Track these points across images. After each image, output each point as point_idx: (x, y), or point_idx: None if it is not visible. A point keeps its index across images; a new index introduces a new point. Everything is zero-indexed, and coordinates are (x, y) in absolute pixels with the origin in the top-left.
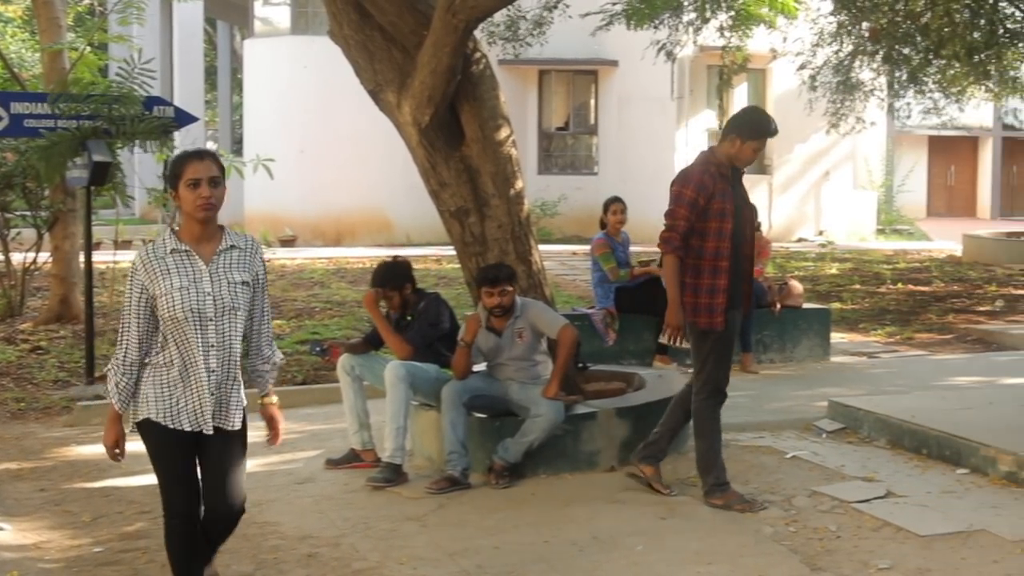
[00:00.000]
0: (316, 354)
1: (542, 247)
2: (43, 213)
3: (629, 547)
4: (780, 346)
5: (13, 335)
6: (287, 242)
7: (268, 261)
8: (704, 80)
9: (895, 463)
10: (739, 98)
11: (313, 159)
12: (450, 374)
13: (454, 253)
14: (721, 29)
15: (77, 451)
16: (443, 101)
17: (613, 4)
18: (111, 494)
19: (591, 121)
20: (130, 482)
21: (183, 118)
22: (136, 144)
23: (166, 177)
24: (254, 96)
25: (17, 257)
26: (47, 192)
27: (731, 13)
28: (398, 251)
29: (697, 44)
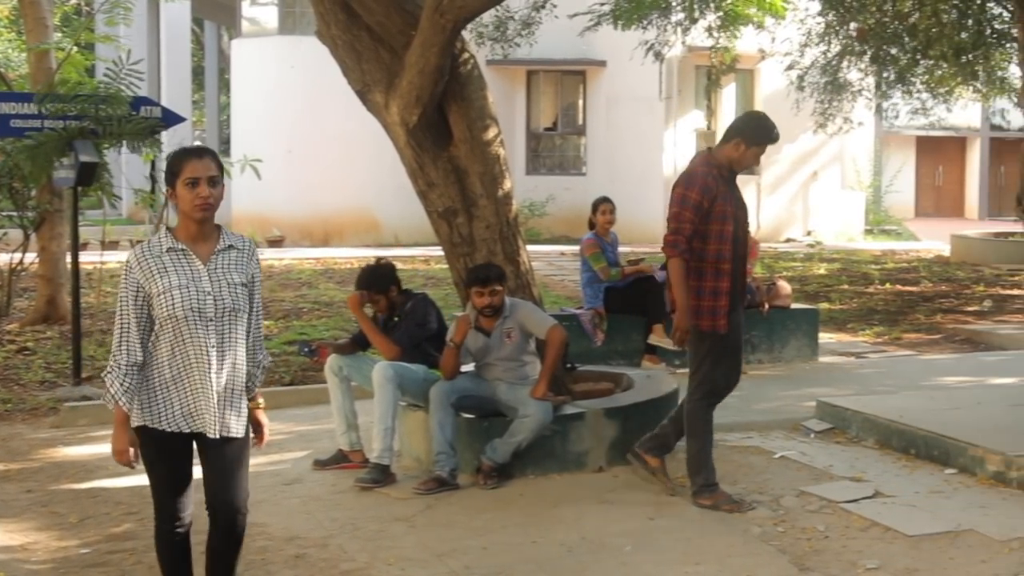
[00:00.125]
0: (304, 355)
1: (530, 247)
2: (30, 213)
3: (617, 547)
4: (768, 346)
5: None
6: (275, 243)
7: None
8: (692, 80)
9: (883, 463)
10: (727, 99)
11: (301, 159)
12: (438, 374)
13: (442, 254)
14: (709, 29)
15: (64, 452)
16: (431, 101)
17: (601, 4)
18: (98, 495)
19: (579, 121)
20: (117, 483)
21: (170, 118)
22: (123, 144)
23: (163, 174)
24: (242, 96)
25: (3, 258)
26: (34, 192)
27: (719, 14)
28: (386, 252)
29: (685, 44)
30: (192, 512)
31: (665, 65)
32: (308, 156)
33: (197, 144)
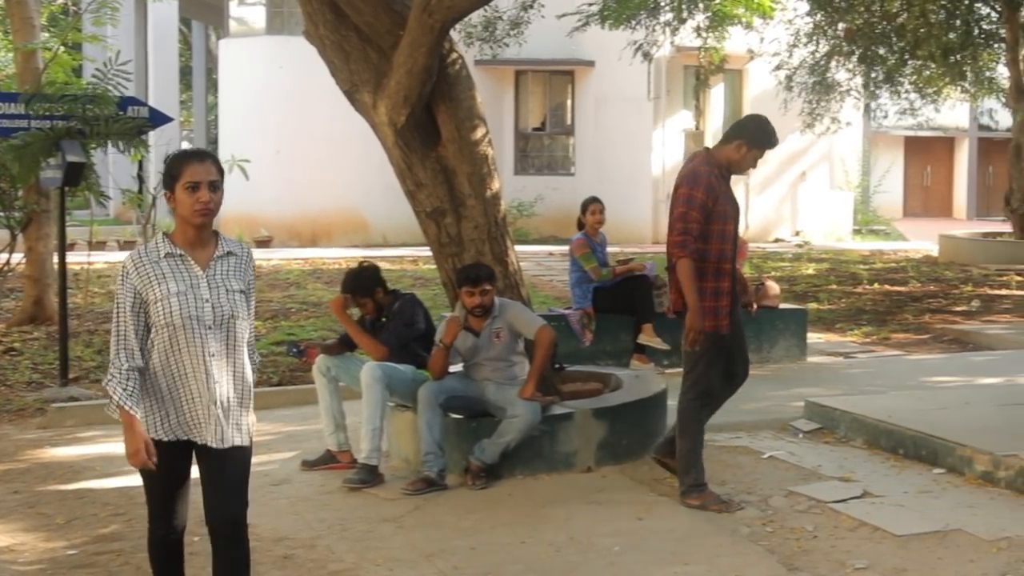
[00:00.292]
0: (292, 355)
1: (518, 248)
2: (17, 214)
3: (606, 548)
4: (757, 346)
5: None
6: (263, 243)
7: None
8: (681, 80)
9: (872, 463)
10: (716, 99)
11: (289, 159)
12: (426, 375)
13: (430, 254)
14: (698, 29)
15: (51, 453)
16: (419, 101)
17: (590, 5)
18: (85, 496)
19: (568, 121)
20: (104, 484)
21: (158, 118)
22: (110, 144)
23: (162, 176)
24: (229, 96)
25: None
26: (21, 193)
27: (708, 14)
28: (374, 252)
29: (674, 44)
30: (186, 517)
31: (653, 65)
32: (296, 156)
33: (197, 147)
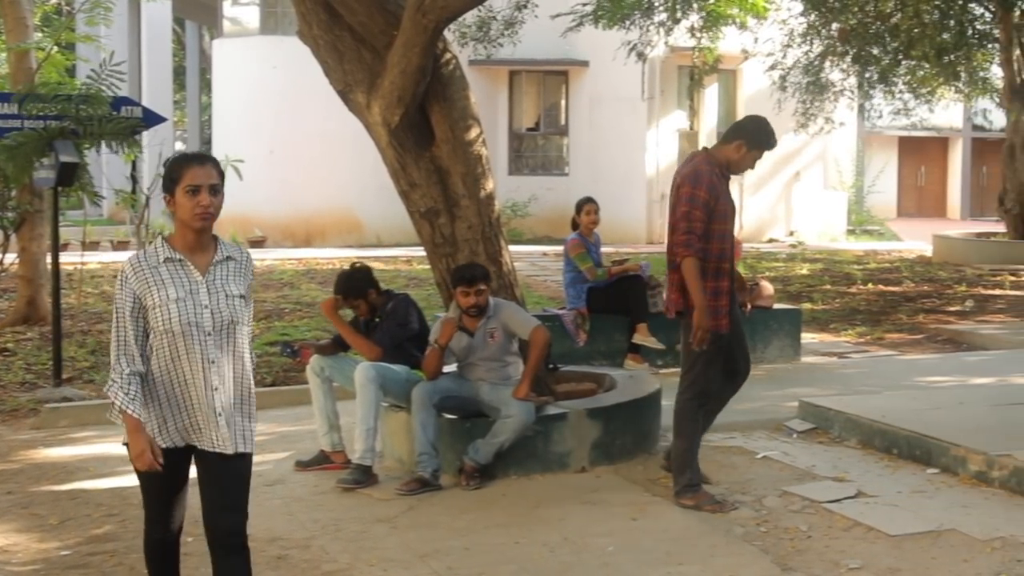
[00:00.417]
0: (286, 355)
1: (512, 248)
2: (10, 214)
3: (600, 548)
4: (751, 346)
5: None
6: (256, 243)
7: None
8: (675, 81)
9: (866, 463)
10: (710, 99)
11: (283, 160)
12: (420, 375)
13: (424, 254)
14: (692, 30)
15: (44, 454)
16: (413, 102)
17: (584, 5)
18: (78, 497)
19: (562, 122)
20: (98, 484)
21: (151, 118)
22: (104, 145)
23: (162, 179)
24: (223, 96)
25: None
26: (14, 193)
27: (702, 14)
28: (368, 252)
29: (668, 45)
30: (183, 519)
31: (648, 65)
32: (290, 156)
33: (197, 151)
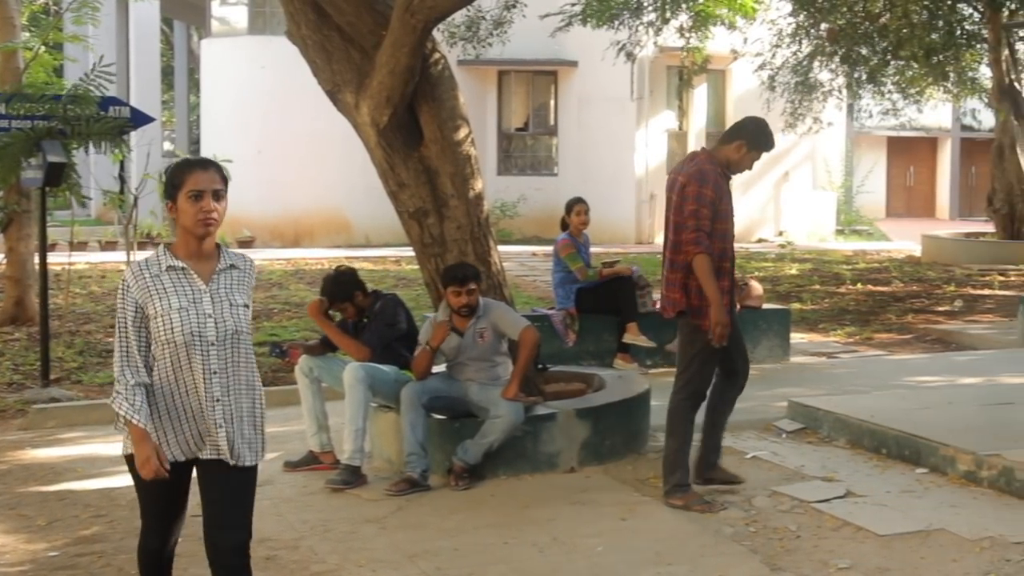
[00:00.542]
0: (275, 356)
1: (501, 248)
2: None
3: (589, 548)
4: None
5: None
6: (245, 243)
7: None
8: (664, 81)
9: (855, 463)
10: (699, 99)
11: (271, 160)
12: (409, 375)
13: (413, 254)
14: (681, 30)
15: (32, 454)
16: (401, 102)
17: (572, 5)
18: (67, 498)
19: (551, 122)
20: (86, 485)
21: (139, 118)
22: (91, 145)
23: (164, 186)
24: (211, 96)
25: None
26: (1, 193)
27: (691, 14)
28: (357, 252)
29: (657, 45)
30: (180, 532)
31: (637, 65)
32: (278, 156)
33: (201, 156)
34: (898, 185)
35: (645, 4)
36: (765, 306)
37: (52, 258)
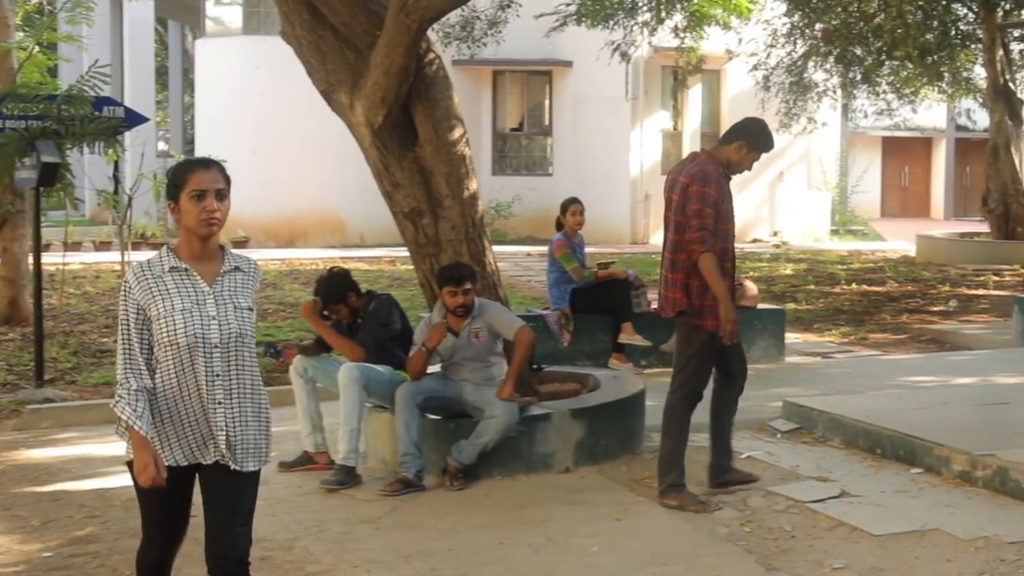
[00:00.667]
0: (269, 356)
1: (496, 248)
2: None
3: (584, 548)
4: None
5: None
6: (239, 244)
7: None
8: (658, 81)
9: (849, 463)
10: (693, 99)
11: (265, 160)
12: (404, 376)
13: (408, 254)
14: (676, 30)
15: (26, 455)
16: (396, 102)
17: (567, 5)
18: (61, 498)
19: (545, 122)
20: (80, 486)
21: (133, 118)
22: (86, 145)
23: (166, 186)
24: (206, 96)
25: None
26: None
27: (685, 14)
28: (351, 252)
29: (651, 45)
30: (182, 541)
31: (631, 65)
32: (273, 156)
33: (203, 156)
34: (893, 185)
35: (640, 4)
36: (760, 306)
37: (46, 258)
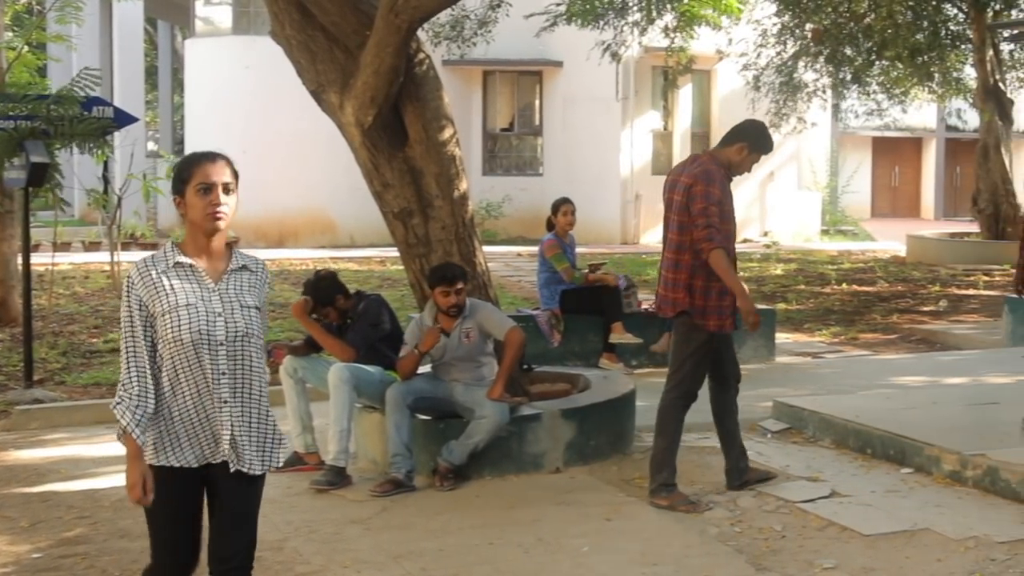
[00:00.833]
0: None
1: (486, 248)
2: None
3: (574, 548)
4: None
5: None
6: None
7: None
8: (649, 81)
9: (840, 463)
10: (684, 99)
11: (255, 160)
12: (394, 376)
13: (398, 255)
14: (666, 30)
15: (15, 456)
16: (386, 102)
17: (557, 5)
18: (50, 499)
19: (536, 122)
20: (69, 487)
21: (123, 119)
22: (75, 145)
23: (171, 181)
24: (195, 96)
25: None
26: None
27: (676, 14)
28: (341, 253)
29: (642, 45)
30: (198, 556)
31: (622, 66)
32: (262, 156)
33: (209, 150)
34: (883, 185)
35: (630, 4)
36: None
37: (35, 259)
